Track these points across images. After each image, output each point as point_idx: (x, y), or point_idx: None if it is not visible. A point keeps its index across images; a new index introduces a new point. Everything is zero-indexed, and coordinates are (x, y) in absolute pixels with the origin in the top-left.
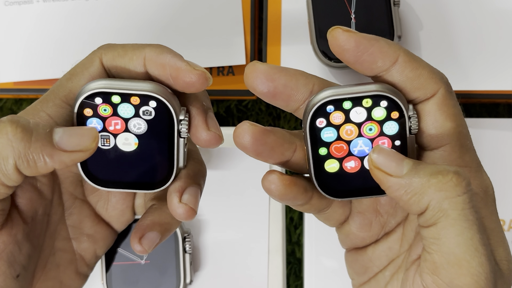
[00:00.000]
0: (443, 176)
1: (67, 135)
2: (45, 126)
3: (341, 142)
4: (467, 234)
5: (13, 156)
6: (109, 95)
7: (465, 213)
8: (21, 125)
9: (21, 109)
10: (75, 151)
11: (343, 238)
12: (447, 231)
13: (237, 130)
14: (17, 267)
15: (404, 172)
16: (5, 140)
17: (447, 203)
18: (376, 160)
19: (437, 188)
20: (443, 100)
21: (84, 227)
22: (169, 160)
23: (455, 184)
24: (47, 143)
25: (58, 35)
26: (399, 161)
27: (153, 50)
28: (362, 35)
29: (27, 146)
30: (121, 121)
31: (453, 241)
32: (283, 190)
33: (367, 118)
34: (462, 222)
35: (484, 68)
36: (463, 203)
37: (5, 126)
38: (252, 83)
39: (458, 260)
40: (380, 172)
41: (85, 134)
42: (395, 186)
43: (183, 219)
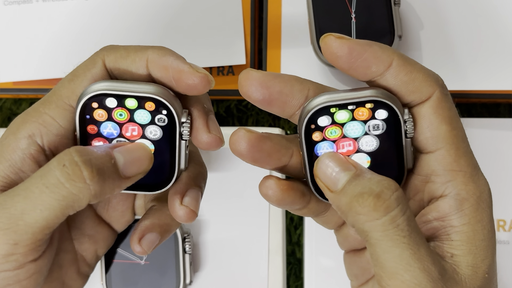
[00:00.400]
0: (363, 200)
1: (129, 163)
2: (107, 156)
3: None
4: (394, 251)
5: (89, 197)
6: (111, 96)
7: (387, 234)
8: (96, 168)
9: (20, 109)
10: (137, 175)
11: (341, 241)
12: (375, 249)
13: (233, 137)
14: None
15: (339, 187)
16: (83, 185)
17: (367, 226)
18: (317, 171)
19: (356, 211)
20: (439, 103)
21: (85, 227)
22: (170, 162)
23: (373, 209)
24: (117, 178)
25: (57, 35)
26: (338, 173)
27: (155, 52)
28: (355, 41)
29: (102, 186)
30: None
31: (382, 258)
32: (280, 195)
33: (362, 123)
34: (385, 242)
35: (485, 68)
36: (382, 225)
37: (80, 170)
38: (247, 91)
39: (392, 274)
40: (320, 184)
41: (143, 158)
42: (331, 200)
43: (183, 221)
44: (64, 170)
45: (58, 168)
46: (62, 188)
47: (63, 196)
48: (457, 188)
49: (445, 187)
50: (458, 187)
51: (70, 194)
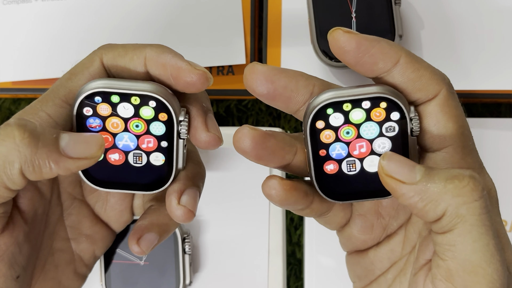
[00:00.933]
0: (460, 181)
1: (73, 142)
2: (52, 131)
3: (341, 143)
4: (484, 240)
5: (19, 161)
6: (109, 94)
7: (482, 218)
8: (29, 130)
9: (19, 109)
10: (80, 158)
11: (344, 241)
12: (464, 238)
13: (237, 134)
14: (17, 268)
15: (418, 178)
16: (12, 144)
17: (464, 208)
18: (386, 167)
19: (454, 193)
20: (445, 101)
21: (82, 227)
22: (168, 161)
23: (472, 189)
24: (54, 149)
25: (56, 34)
26: (411, 167)
27: (153, 49)
28: (363, 36)
29: (34, 152)
30: (121, 121)
31: (469, 248)
32: (283, 195)
33: (368, 120)
34: (479, 227)
35: (486, 68)
36: (480, 208)
37: (12, 130)
38: (252, 84)
39: (474, 267)
40: (392, 180)
41: (91, 142)
42: (409, 194)
43: (181, 221)
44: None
45: None
46: None
47: None
48: None
49: None
50: None
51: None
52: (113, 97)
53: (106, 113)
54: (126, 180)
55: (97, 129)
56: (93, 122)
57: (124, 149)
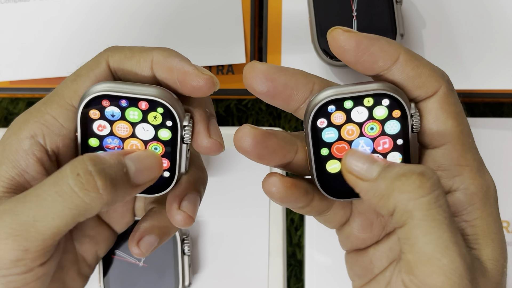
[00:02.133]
0: (407, 178)
1: (140, 171)
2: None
3: (342, 143)
4: (435, 233)
5: (101, 206)
6: (114, 98)
7: (431, 213)
8: (109, 178)
9: (17, 109)
10: (147, 182)
11: (343, 240)
12: (415, 231)
13: (237, 133)
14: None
15: (374, 175)
16: (96, 194)
17: (411, 204)
18: (347, 163)
19: (400, 190)
20: (445, 98)
21: (86, 228)
22: (171, 165)
23: (418, 186)
24: (128, 186)
25: (54, 33)
26: (370, 164)
27: (160, 53)
28: (363, 35)
29: (115, 195)
30: (129, 125)
31: (421, 240)
32: (284, 192)
33: (369, 117)
34: (428, 222)
35: (488, 67)
36: (427, 203)
37: (94, 180)
38: (251, 83)
39: (429, 258)
40: (351, 176)
41: (154, 166)
42: (364, 190)
43: (180, 226)
44: (78, 179)
45: (72, 177)
46: (75, 197)
47: (76, 205)
48: (465, 183)
49: (453, 182)
50: (466, 181)
51: (82, 203)
52: (120, 100)
53: (113, 117)
54: None
55: (102, 133)
56: (99, 125)
57: None
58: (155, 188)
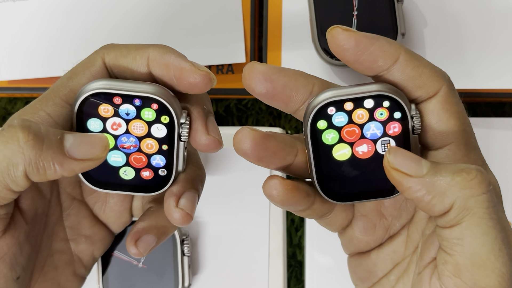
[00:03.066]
0: (467, 173)
1: (78, 143)
2: (56, 132)
3: (343, 144)
4: (492, 233)
5: (24, 164)
6: (110, 95)
7: (489, 211)
8: (33, 132)
9: (15, 108)
10: (85, 159)
11: (346, 243)
12: (473, 231)
13: (236, 136)
14: (18, 269)
15: (425, 171)
16: (16, 147)
17: (473, 201)
18: (393, 161)
19: (462, 186)
20: (446, 98)
21: (81, 228)
22: (168, 163)
23: (480, 182)
24: (58, 151)
25: (53, 33)
26: (418, 161)
27: (156, 50)
28: (362, 34)
29: (38, 154)
30: (123, 122)
31: (478, 241)
32: (285, 195)
33: (369, 119)
34: (487, 221)
35: (490, 66)
36: (487, 201)
37: (16, 132)
38: (251, 84)
39: (483, 261)
40: (398, 173)
41: (95, 143)
42: (416, 187)
43: (178, 224)
44: (1, 132)
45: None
46: None
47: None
48: None
49: None
50: None
51: (4, 157)
52: (115, 98)
53: (108, 114)
54: (126, 181)
55: (97, 130)
56: (94, 123)
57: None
58: (152, 186)
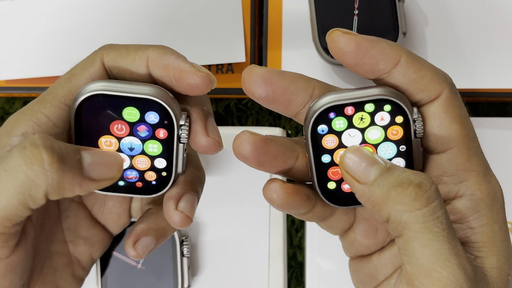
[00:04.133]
0: (403, 189)
1: (95, 164)
2: (74, 150)
3: (344, 149)
4: (434, 245)
5: (46, 186)
6: (110, 97)
7: (427, 225)
8: (57, 153)
9: (13, 108)
10: (102, 180)
11: (347, 246)
12: (412, 243)
13: (236, 140)
14: (25, 276)
15: (370, 179)
16: (40, 169)
17: (406, 216)
18: (344, 162)
19: (396, 201)
20: (448, 102)
21: (80, 230)
22: (167, 165)
23: (414, 198)
24: (78, 172)
25: (51, 32)
26: (368, 166)
27: (156, 51)
28: (363, 37)
29: (61, 176)
30: (126, 124)
31: (420, 252)
32: (285, 199)
33: (370, 123)
34: (425, 234)
35: (492, 66)
36: (423, 216)
37: (40, 153)
38: (250, 87)
39: (428, 271)
40: (347, 176)
41: (112, 164)
42: (360, 193)
43: (178, 227)
44: (24, 152)
45: (18, 150)
46: (19, 172)
47: (21, 182)
48: (471, 189)
49: (458, 188)
50: (472, 187)
51: (27, 179)
52: (115, 100)
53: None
54: (125, 183)
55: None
56: (96, 125)
57: (128, 153)
58: (151, 188)
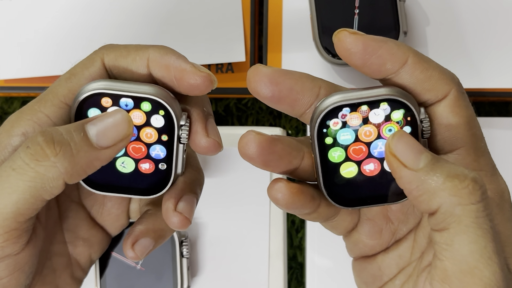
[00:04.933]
0: (460, 181)
1: (103, 131)
2: (77, 128)
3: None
4: (481, 242)
5: (61, 176)
6: (109, 96)
7: (478, 221)
8: (59, 144)
9: (11, 108)
10: (117, 142)
11: (351, 247)
12: (460, 238)
13: (242, 140)
14: (31, 276)
15: (421, 166)
16: (48, 162)
17: (459, 209)
18: (393, 146)
19: (451, 192)
20: (455, 102)
21: (79, 230)
22: (167, 166)
23: (470, 192)
24: (89, 149)
25: (49, 31)
26: (418, 152)
27: (157, 51)
28: (370, 37)
29: (72, 161)
30: None
31: (466, 248)
32: (290, 199)
33: (377, 123)
34: (475, 230)
35: (494, 65)
36: (476, 211)
37: (42, 149)
38: (256, 87)
39: (471, 269)
40: (395, 160)
41: (119, 122)
42: (407, 179)
43: (177, 228)
44: (28, 151)
45: (22, 150)
46: (27, 169)
47: (30, 177)
48: None
49: None
50: None
51: (37, 174)
52: (115, 99)
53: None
54: (123, 184)
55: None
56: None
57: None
58: (150, 189)
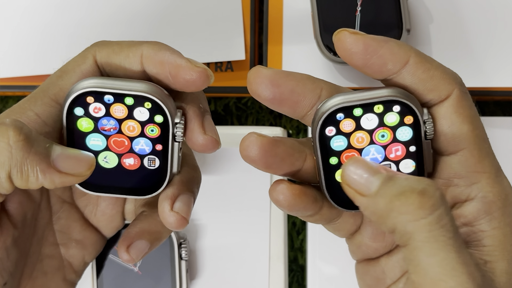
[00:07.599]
0: (406, 198)
1: (64, 156)
2: (46, 140)
3: (352, 151)
4: (440, 254)
5: (9, 164)
6: (101, 94)
7: (433, 234)
8: (24, 133)
9: (6, 107)
10: (68, 174)
11: (354, 249)
12: (417, 253)
13: (243, 142)
14: (5, 274)
15: (372, 190)
16: (5, 144)
17: (411, 226)
18: (345, 176)
19: (399, 211)
20: (458, 102)
21: (72, 232)
22: (162, 165)
23: (418, 207)
24: (44, 159)
25: (45, 29)
26: (369, 177)
27: (150, 47)
28: (371, 37)
29: (25, 157)
30: (115, 122)
31: (426, 262)
32: (292, 200)
33: (379, 124)
34: (431, 244)
35: (498, 63)
36: (429, 224)
37: (7, 130)
38: (257, 89)
39: (435, 281)
40: (349, 190)
41: (82, 160)
42: (363, 205)
43: (174, 228)
44: None
45: None
46: None
47: None
48: (483, 191)
49: (470, 190)
50: (484, 189)
51: None
52: (106, 97)
53: (99, 114)
54: (117, 184)
55: (88, 130)
56: (85, 123)
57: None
58: (145, 189)
